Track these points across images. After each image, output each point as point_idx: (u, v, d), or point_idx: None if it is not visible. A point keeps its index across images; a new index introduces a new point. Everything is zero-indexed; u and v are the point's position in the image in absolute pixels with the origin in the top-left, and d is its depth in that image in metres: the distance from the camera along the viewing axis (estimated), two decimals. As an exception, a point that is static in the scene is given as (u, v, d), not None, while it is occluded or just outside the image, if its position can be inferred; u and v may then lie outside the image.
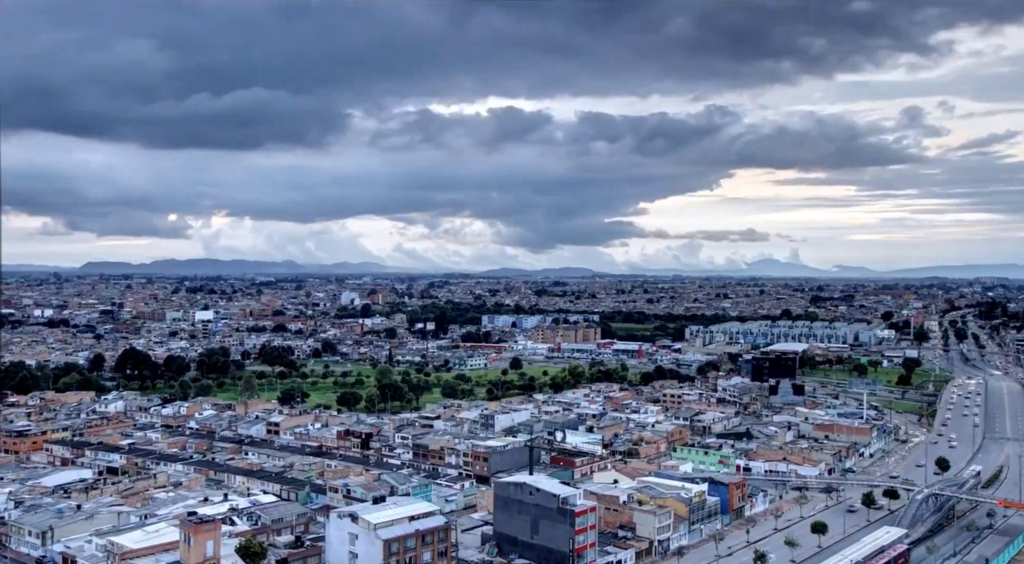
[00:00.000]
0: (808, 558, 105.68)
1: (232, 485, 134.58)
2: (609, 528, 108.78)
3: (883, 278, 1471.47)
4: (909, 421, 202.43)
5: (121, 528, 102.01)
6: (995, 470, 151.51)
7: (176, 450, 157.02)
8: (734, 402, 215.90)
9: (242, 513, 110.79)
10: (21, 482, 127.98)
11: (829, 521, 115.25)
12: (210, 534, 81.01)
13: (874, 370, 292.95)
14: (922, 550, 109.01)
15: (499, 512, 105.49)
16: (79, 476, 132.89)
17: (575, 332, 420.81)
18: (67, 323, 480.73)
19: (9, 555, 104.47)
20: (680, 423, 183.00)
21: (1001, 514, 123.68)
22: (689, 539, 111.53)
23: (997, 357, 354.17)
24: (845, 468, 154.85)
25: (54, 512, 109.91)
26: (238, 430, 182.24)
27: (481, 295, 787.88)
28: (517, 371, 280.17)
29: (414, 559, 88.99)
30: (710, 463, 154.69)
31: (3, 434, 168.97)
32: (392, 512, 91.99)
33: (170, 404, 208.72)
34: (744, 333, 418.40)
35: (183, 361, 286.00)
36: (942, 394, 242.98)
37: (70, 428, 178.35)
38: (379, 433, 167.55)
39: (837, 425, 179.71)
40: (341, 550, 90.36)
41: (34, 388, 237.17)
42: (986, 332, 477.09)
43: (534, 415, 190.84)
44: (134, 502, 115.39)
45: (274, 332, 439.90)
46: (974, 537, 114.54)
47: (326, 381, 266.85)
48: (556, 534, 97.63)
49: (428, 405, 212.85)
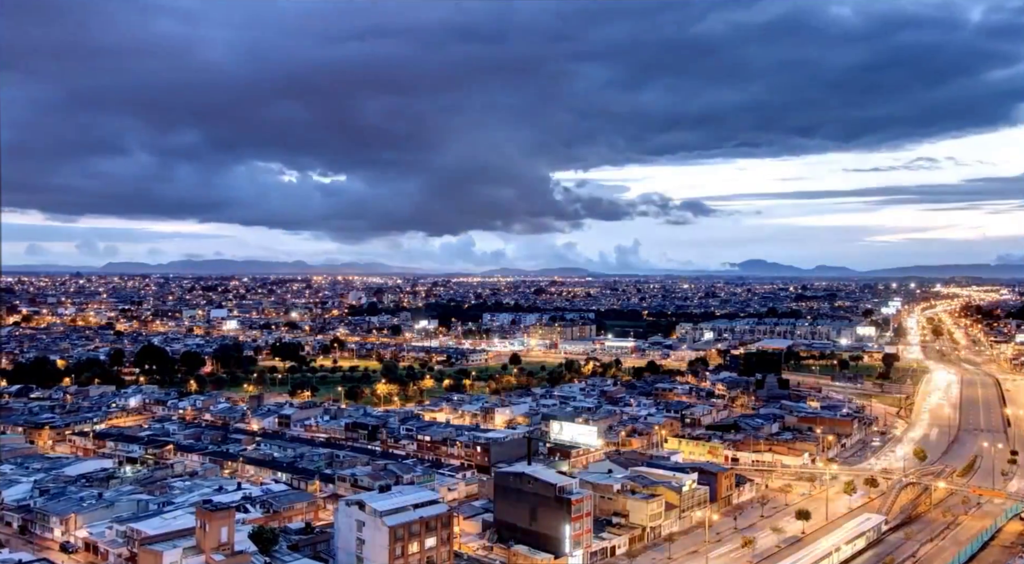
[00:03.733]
0: (792, 543, 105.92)
1: (245, 474, 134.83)
2: (604, 515, 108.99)
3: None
4: (888, 413, 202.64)
5: (140, 515, 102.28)
6: (970, 460, 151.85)
7: (192, 441, 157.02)
8: (722, 396, 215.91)
9: (255, 501, 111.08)
10: (45, 471, 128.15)
11: (812, 508, 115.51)
12: (224, 521, 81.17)
13: (855, 365, 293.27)
14: (900, 535, 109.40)
15: (499, 500, 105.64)
16: (100, 466, 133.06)
17: (572, 329, 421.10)
18: (88, 320, 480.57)
19: (34, 541, 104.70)
20: (671, 416, 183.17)
21: (975, 501, 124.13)
22: (679, 526, 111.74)
23: (971, 352, 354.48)
24: (828, 458, 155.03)
25: (76, 500, 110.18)
26: (251, 423, 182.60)
27: (481, 294, 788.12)
28: (516, 366, 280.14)
29: (418, 545, 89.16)
30: (699, 454, 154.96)
31: (28, 426, 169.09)
32: (397, 500, 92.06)
33: (186, 398, 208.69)
34: (731, 330, 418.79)
35: (199, 356, 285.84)
36: (919, 388, 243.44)
37: (92, 420, 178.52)
38: (385, 425, 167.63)
39: (820, 417, 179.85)
40: (349, 536, 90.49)
41: (57, 382, 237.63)
42: (961, 328, 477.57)
43: (532, 408, 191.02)
44: (152, 491, 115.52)
45: (285, 328, 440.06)
46: (949, 523, 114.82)
47: (335, 376, 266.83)
48: (553, 521, 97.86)
49: (431, 398, 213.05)
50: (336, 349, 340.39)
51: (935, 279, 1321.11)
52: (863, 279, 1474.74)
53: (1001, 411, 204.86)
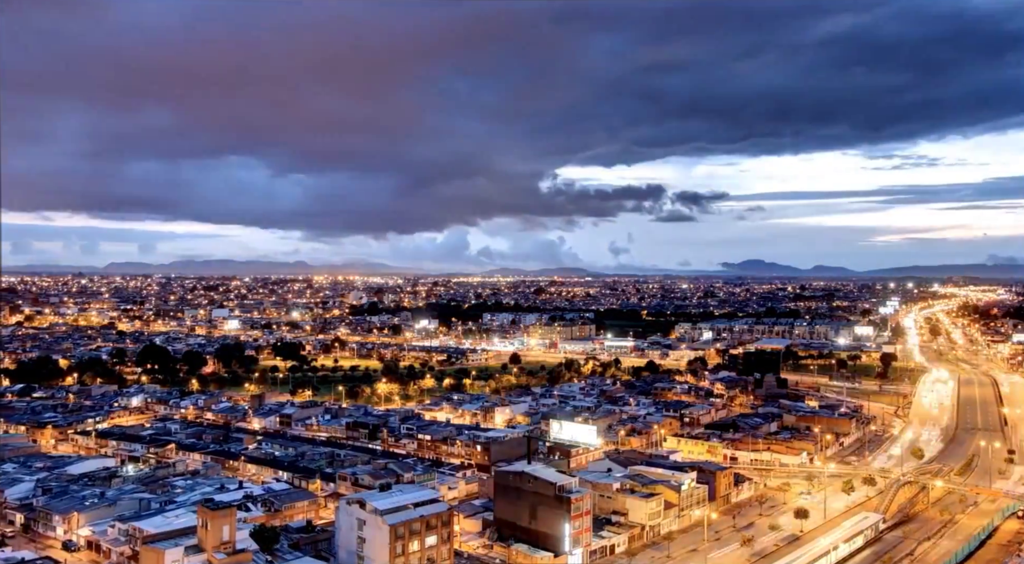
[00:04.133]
0: (791, 542, 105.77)
1: (247, 473, 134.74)
2: (603, 514, 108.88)
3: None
4: (886, 413, 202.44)
5: (142, 514, 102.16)
6: (967, 459, 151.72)
7: (194, 440, 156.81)
8: (721, 395, 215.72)
9: (256, 500, 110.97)
10: (48, 470, 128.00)
11: (810, 507, 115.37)
12: (226, 519, 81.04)
13: (853, 365, 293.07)
14: (898, 533, 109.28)
15: (499, 499, 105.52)
16: (102, 465, 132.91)
17: (571, 329, 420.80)
18: (90, 319, 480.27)
19: (37, 539, 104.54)
20: (670, 415, 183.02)
21: (972, 500, 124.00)
22: (679, 524, 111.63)
23: (968, 352, 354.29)
24: (826, 457, 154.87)
25: (79, 499, 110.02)
26: (252, 422, 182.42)
27: (481, 294, 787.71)
28: (516, 365, 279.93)
29: (419, 543, 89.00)
30: (698, 453, 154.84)
31: (31, 425, 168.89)
32: (398, 499, 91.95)
33: (188, 397, 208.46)
34: (729, 330, 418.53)
35: (200, 356, 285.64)
36: (917, 387, 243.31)
37: (94, 419, 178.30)
38: (385, 425, 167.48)
39: (818, 417, 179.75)
40: (350, 535, 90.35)
41: (59, 382, 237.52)
42: (958, 328, 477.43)
43: (532, 407, 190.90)
44: (154, 489, 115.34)
45: (286, 328, 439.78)
46: (946, 522, 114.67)
47: (335, 375, 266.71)
48: (553, 520, 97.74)
49: (432, 398, 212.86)
50: (337, 348, 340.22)
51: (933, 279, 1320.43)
52: (861, 279, 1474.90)
53: (998, 410, 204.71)
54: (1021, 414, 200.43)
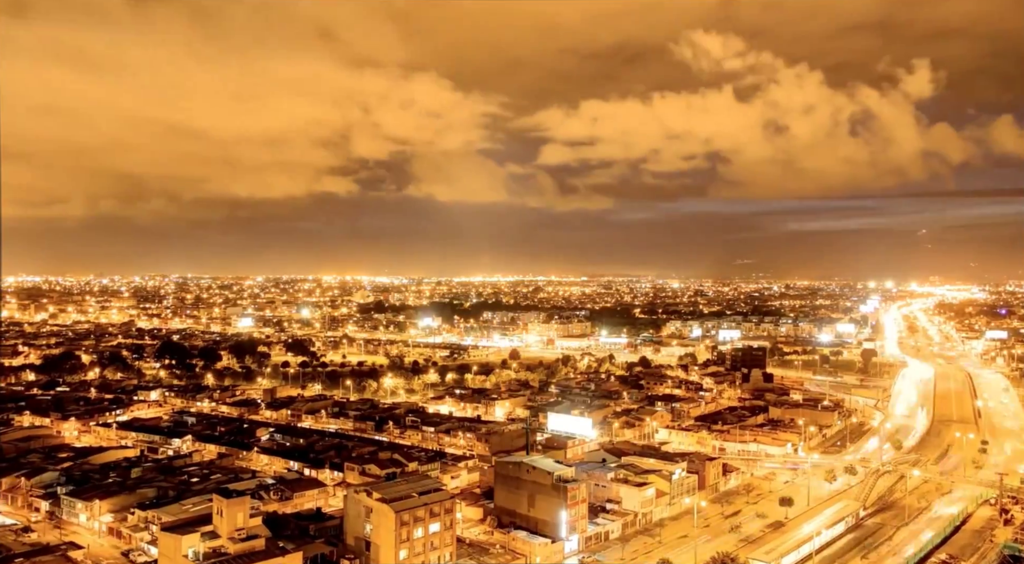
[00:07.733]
0: (776, 528, 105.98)
1: (259, 463, 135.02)
2: (598, 502, 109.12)
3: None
4: (867, 406, 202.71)
5: (160, 502, 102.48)
6: (943, 449, 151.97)
7: (209, 432, 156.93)
8: (710, 389, 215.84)
9: (269, 488, 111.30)
10: (71, 460, 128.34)
11: (794, 495, 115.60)
12: (240, 507, 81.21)
13: (835, 360, 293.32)
14: (877, 520, 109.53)
15: (499, 488, 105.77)
16: (123, 455, 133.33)
17: (568, 326, 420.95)
18: (111, 317, 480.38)
19: (61, 526, 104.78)
20: (662, 408, 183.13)
21: (947, 488, 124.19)
22: (670, 512, 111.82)
23: (944, 348, 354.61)
24: (809, 447, 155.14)
25: (101, 488, 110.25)
26: (264, 414, 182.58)
27: (482, 293, 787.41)
28: (515, 361, 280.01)
29: (422, 530, 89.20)
30: (689, 444, 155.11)
31: (55, 417, 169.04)
32: (403, 488, 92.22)
33: (204, 391, 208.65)
34: (718, 327, 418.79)
35: (215, 352, 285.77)
36: (896, 381, 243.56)
37: (115, 412, 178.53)
38: (391, 417, 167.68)
39: (802, 409, 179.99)
40: (357, 521, 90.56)
41: (82, 375, 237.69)
42: (935, 325, 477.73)
43: (530, 400, 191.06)
44: (172, 479, 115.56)
45: (297, 325, 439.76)
46: (923, 509, 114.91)
47: (343, 370, 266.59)
48: (551, 507, 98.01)
49: (435, 391, 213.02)
50: (345, 345, 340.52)
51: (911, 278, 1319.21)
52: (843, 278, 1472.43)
53: (972, 403, 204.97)
54: (995, 407, 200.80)
